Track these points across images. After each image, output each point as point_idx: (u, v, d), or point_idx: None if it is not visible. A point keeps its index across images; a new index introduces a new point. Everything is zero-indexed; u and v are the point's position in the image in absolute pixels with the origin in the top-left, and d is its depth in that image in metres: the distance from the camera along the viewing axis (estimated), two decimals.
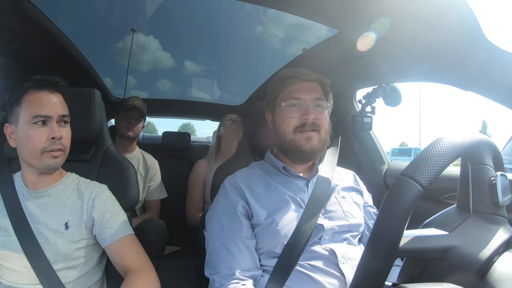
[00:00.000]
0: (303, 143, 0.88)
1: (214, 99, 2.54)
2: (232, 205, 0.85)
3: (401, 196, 0.45)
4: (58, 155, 0.87)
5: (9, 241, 0.82)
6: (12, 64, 1.29)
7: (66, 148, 0.89)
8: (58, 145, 0.86)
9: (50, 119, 0.85)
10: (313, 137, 0.88)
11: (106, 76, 2.08)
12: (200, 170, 1.83)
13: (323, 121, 0.89)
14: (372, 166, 1.56)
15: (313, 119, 0.87)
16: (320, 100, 0.90)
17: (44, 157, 0.85)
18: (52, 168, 0.88)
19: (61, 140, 0.87)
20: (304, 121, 0.87)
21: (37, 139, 0.84)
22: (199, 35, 1.86)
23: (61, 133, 0.87)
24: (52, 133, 0.84)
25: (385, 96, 1.33)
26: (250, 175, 0.92)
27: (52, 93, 0.88)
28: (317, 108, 0.89)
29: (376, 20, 0.85)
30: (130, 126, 1.76)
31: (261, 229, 0.83)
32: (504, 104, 0.82)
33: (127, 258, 0.87)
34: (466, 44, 0.75)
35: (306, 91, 0.90)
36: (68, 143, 0.90)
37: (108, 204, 0.92)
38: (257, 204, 0.85)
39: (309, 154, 0.89)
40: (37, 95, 0.86)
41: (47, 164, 0.86)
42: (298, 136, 0.88)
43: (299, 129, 0.88)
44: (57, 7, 1.25)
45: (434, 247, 0.51)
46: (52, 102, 0.87)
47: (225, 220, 0.84)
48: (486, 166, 0.56)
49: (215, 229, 0.84)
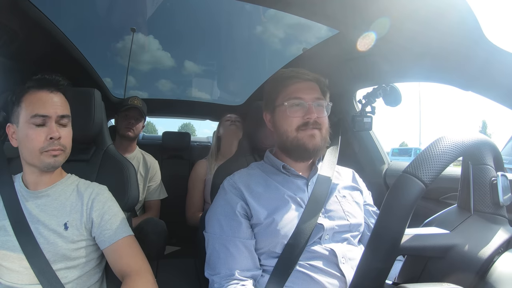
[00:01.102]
0: (307, 141, 0.88)
1: (214, 99, 2.54)
2: (231, 205, 0.85)
3: (403, 193, 0.45)
4: (57, 153, 0.86)
5: (9, 241, 0.82)
6: (12, 64, 1.29)
7: (66, 148, 0.89)
8: (57, 145, 0.86)
9: (48, 119, 0.85)
10: (316, 134, 0.89)
11: (106, 76, 2.08)
12: (200, 170, 1.83)
13: (324, 120, 0.91)
14: (372, 166, 1.56)
15: (315, 118, 0.88)
16: (320, 100, 0.91)
17: (44, 156, 0.85)
18: (52, 167, 0.87)
19: (60, 141, 0.87)
20: (307, 120, 0.88)
21: (36, 139, 0.84)
22: (199, 35, 1.86)
23: (60, 133, 0.86)
24: (50, 133, 0.84)
25: (385, 96, 1.33)
26: (249, 175, 0.93)
27: (52, 92, 0.88)
28: (318, 108, 0.90)
29: (376, 20, 0.85)
30: (130, 126, 1.76)
31: (261, 228, 0.83)
32: (504, 104, 0.82)
33: (124, 261, 0.87)
34: (466, 44, 0.75)
35: (307, 91, 0.90)
36: (68, 143, 0.90)
37: (107, 205, 0.92)
38: (256, 204, 0.85)
39: (312, 151, 0.89)
40: (37, 95, 0.86)
41: (47, 163, 0.86)
42: (301, 133, 0.89)
43: (302, 128, 0.88)
44: (57, 7, 1.25)
45: (435, 245, 0.51)
46: (52, 101, 0.87)
47: (224, 220, 0.84)
48: (487, 166, 0.56)
49: (214, 230, 0.85)
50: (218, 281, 0.78)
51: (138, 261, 0.88)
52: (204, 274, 0.83)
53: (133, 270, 0.85)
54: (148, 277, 0.86)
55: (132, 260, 0.87)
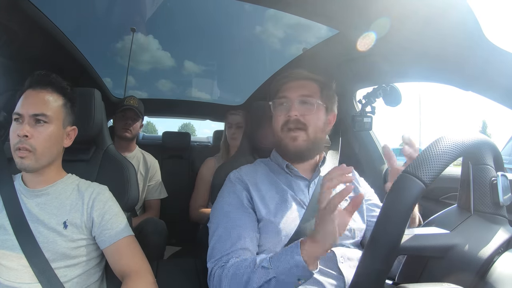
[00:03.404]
0: (288, 142, 0.88)
1: (214, 99, 2.54)
2: (238, 196, 0.85)
3: (403, 193, 0.45)
4: (23, 155, 0.83)
5: (8, 239, 0.82)
6: (12, 64, 1.29)
7: (35, 149, 0.84)
8: (23, 143, 0.82)
9: (22, 117, 0.85)
10: (299, 136, 0.87)
11: (106, 76, 2.07)
12: (208, 168, 1.83)
13: (310, 118, 0.88)
14: (372, 166, 1.56)
15: (296, 116, 0.86)
16: (306, 97, 0.89)
17: (15, 155, 0.85)
18: (22, 169, 0.85)
19: (30, 140, 0.83)
20: (287, 118, 0.87)
21: (12, 136, 0.85)
22: (199, 35, 1.86)
23: (32, 132, 0.83)
24: (18, 131, 0.83)
25: (385, 96, 1.33)
26: (255, 172, 0.92)
27: (35, 90, 0.87)
28: (304, 105, 0.88)
29: (376, 20, 0.84)
30: (127, 126, 1.75)
31: (263, 225, 0.82)
32: (504, 104, 0.82)
33: (124, 261, 0.87)
34: (466, 44, 0.75)
35: (294, 89, 0.90)
36: (39, 144, 0.84)
37: (108, 205, 0.92)
38: (260, 200, 0.85)
39: (295, 154, 0.89)
40: (25, 93, 0.87)
41: (16, 163, 0.85)
42: (284, 134, 0.89)
43: (285, 127, 0.88)
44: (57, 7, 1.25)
45: (435, 245, 0.51)
46: (30, 99, 0.86)
47: (232, 210, 0.83)
48: (487, 166, 0.56)
49: (220, 219, 0.83)
50: (219, 258, 0.77)
51: (138, 261, 0.88)
52: (207, 265, 0.80)
53: (133, 270, 0.85)
54: (148, 277, 0.86)
55: (132, 260, 0.87)
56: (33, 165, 0.85)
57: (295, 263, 0.64)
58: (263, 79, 1.97)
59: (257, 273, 0.67)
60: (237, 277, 0.70)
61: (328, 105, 0.92)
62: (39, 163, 0.86)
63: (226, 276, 0.72)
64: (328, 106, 0.92)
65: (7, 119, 1.02)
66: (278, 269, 0.66)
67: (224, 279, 0.72)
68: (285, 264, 0.65)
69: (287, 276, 0.65)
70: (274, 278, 0.66)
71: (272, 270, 0.66)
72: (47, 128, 0.86)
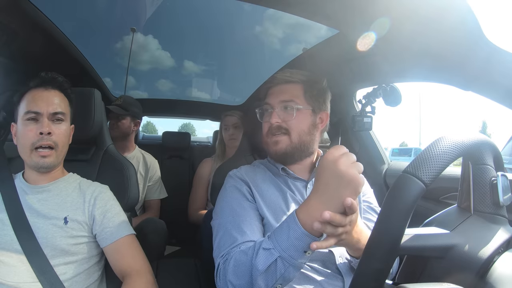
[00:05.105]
0: (271, 146, 0.89)
1: (214, 99, 2.54)
2: (241, 191, 0.85)
3: (403, 193, 0.45)
4: (46, 154, 0.86)
5: (6, 235, 0.82)
6: (12, 64, 1.29)
7: (57, 145, 0.88)
8: (47, 140, 0.85)
9: (40, 116, 0.86)
10: (281, 141, 0.88)
11: (106, 76, 2.08)
12: (205, 168, 1.83)
13: (292, 124, 0.87)
14: (372, 166, 1.56)
15: (277, 123, 0.87)
16: (287, 102, 0.88)
17: (33, 155, 0.85)
18: (41, 167, 0.87)
19: (52, 136, 0.86)
20: (270, 125, 0.88)
21: (28, 135, 0.85)
22: (199, 35, 1.86)
23: (53, 129, 0.86)
24: (40, 129, 0.85)
25: (385, 96, 1.33)
26: (255, 171, 0.93)
27: (47, 89, 0.89)
28: (285, 110, 0.88)
29: (376, 20, 0.84)
30: (113, 127, 1.72)
31: (263, 225, 0.82)
32: (504, 104, 0.82)
33: (125, 260, 0.87)
34: (466, 44, 0.75)
35: (275, 95, 0.91)
36: (60, 140, 0.89)
37: (109, 204, 0.92)
38: (260, 198, 0.85)
39: (279, 158, 0.90)
40: (32, 93, 0.88)
41: (35, 162, 0.86)
42: (269, 139, 0.90)
43: (269, 133, 0.89)
44: (57, 7, 1.25)
45: (435, 245, 0.51)
46: (44, 98, 0.88)
47: (236, 204, 0.83)
48: (487, 166, 0.56)
49: (225, 214, 0.82)
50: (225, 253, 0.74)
51: (138, 260, 0.88)
52: (214, 259, 0.78)
53: (133, 270, 0.85)
54: (148, 277, 0.86)
55: (132, 259, 0.88)
56: (54, 162, 0.88)
57: (296, 235, 0.60)
58: (263, 79, 1.97)
59: (260, 256, 0.64)
60: (240, 266, 0.67)
61: (315, 105, 0.90)
62: (58, 160, 0.90)
63: (229, 267, 0.69)
64: (315, 106, 0.91)
65: (7, 119, 1.02)
66: (281, 247, 0.62)
67: (228, 271, 0.69)
68: (285, 239, 0.62)
69: (292, 251, 0.61)
70: (279, 258, 0.62)
71: (274, 250, 0.63)
72: (64, 125, 0.91)
